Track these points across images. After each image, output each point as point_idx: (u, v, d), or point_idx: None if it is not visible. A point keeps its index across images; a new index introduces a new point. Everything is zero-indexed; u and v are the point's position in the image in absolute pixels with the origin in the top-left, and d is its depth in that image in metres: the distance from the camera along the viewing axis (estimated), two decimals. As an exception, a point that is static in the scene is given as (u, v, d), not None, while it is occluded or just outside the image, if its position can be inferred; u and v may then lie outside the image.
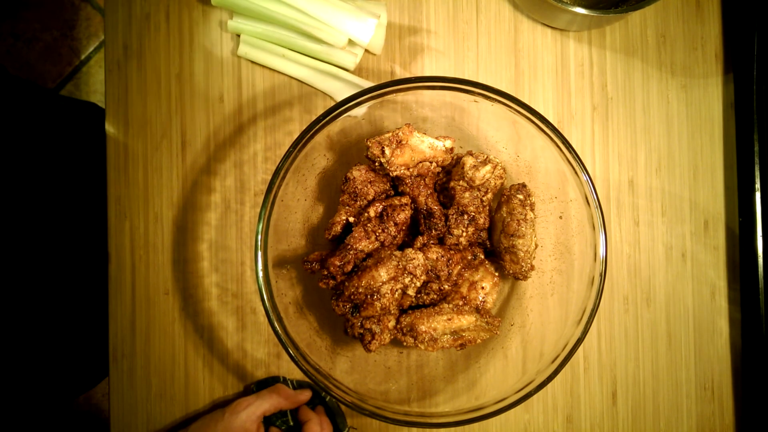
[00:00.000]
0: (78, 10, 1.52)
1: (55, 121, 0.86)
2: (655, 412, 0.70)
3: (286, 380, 0.68)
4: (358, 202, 0.62)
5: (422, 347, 0.58)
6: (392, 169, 0.58)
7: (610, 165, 0.70)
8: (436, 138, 0.60)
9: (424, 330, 0.58)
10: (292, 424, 0.66)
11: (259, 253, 0.56)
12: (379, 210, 0.60)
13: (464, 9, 0.70)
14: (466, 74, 0.70)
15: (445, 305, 0.61)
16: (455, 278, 0.62)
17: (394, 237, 0.60)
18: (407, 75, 0.70)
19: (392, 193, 0.64)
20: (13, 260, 0.71)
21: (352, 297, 0.57)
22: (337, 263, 0.58)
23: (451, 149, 0.61)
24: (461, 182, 0.60)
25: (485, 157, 0.61)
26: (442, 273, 0.60)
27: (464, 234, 0.60)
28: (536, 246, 0.61)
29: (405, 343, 0.59)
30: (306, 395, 0.66)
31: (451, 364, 0.66)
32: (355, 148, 0.65)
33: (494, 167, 0.60)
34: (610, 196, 0.70)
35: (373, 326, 0.58)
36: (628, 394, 0.70)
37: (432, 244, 0.61)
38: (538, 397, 0.69)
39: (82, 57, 1.52)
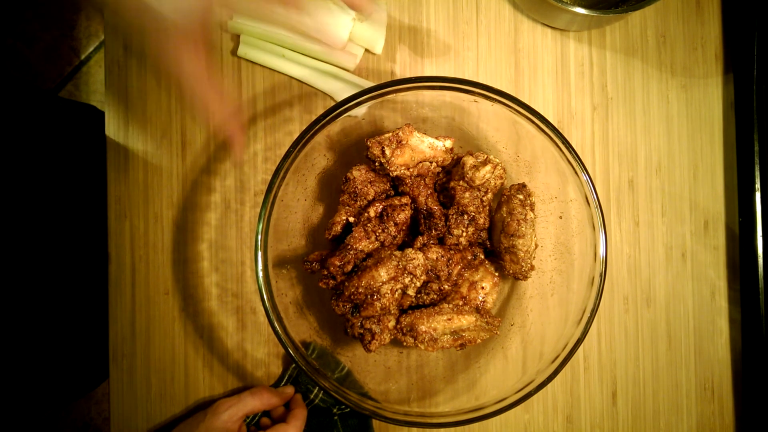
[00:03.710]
0: (78, 10, 1.52)
1: (54, 123, 0.86)
2: (655, 412, 0.70)
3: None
4: (358, 202, 0.61)
5: (422, 347, 0.58)
6: (392, 169, 0.58)
7: (610, 165, 0.70)
8: (436, 138, 0.60)
9: (424, 330, 0.58)
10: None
11: (259, 253, 0.56)
12: (379, 210, 0.60)
13: (464, 9, 0.70)
14: (466, 74, 0.70)
15: (445, 305, 0.61)
16: (455, 278, 0.62)
17: (394, 237, 0.60)
18: (407, 75, 0.70)
19: (392, 193, 0.64)
20: (13, 262, 0.71)
21: (352, 297, 0.57)
22: (337, 263, 0.57)
23: (451, 149, 0.61)
24: (461, 182, 0.60)
25: (485, 157, 0.61)
26: (442, 273, 0.60)
27: (464, 234, 0.60)
28: (536, 246, 0.61)
29: (405, 343, 0.59)
30: (289, 391, 0.66)
31: (451, 364, 0.66)
32: (355, 148, 0.65)
33: (494, 167, 0.60)
34: (610, 196, 0.70)
35: (373, 326, 0.58)
36: (628, 394, 0.70)
37: (432, 244, 0.61)
38: (538, 397, 0.69)
39: (82, 57, 1.52)
